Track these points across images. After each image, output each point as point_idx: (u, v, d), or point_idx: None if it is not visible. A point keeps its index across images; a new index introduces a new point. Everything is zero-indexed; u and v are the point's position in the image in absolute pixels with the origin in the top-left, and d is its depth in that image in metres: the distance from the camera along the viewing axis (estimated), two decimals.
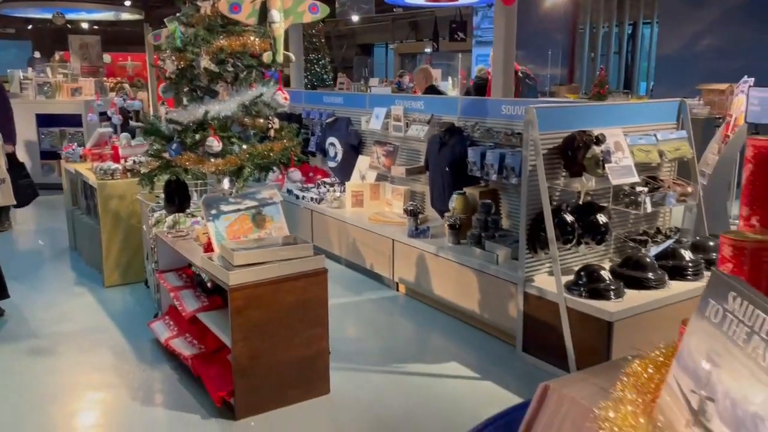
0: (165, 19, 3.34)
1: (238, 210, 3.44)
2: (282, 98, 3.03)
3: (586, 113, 3.93)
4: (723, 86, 8.42)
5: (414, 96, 5.87)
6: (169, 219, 3.95)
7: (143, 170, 3.71)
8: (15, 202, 5.61)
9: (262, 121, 3.24)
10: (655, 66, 11.83)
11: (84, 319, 4.42)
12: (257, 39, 3.07)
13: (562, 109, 4.02)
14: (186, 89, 3.25)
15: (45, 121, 9.03)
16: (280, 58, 2.96)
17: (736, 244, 1.21)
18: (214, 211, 3.37)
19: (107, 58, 11.49)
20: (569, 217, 3.64)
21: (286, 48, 3.00)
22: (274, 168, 3.30)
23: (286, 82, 9.69)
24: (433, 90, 7.05)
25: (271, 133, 3.27)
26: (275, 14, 2.90)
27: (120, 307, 4.65)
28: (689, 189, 3.94)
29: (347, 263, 5.56)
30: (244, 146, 3.19)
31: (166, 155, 3.22)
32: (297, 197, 6.11)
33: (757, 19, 10.04)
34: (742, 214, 1.32)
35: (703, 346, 1.08)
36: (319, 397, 3.29)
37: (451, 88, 11.91)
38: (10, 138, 6.44)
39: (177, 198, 3.79)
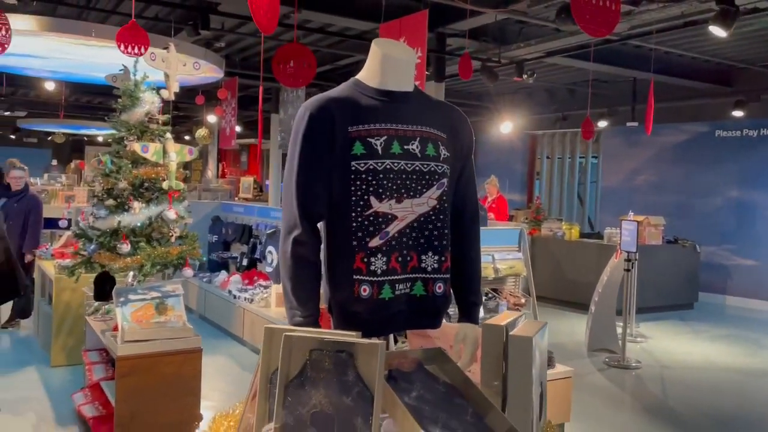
0: (99, 153, 4.45)
1: (144, 299, 4.35)
2: (173, 214, 4.05)
3: None
4: (640, 218, 9.42)
5: None
6: (98, 306, 4.84)
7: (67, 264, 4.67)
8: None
9: (164, 229, 4.23)
10: (600, 197, 12.97)
11: (23, 390, 5.22)
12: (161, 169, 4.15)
13: None
14: (109, 203, 4.28)
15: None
16: (173, 185, 4.03)
17: None
18: (122, 299, 4.27)
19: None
20: None
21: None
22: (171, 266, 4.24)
23: None
24: None
25: (173, 239, 4.25)
26: (172, 155, 4.01)
27: (57, 382, 5.45)
28: (522, 300, 4.80)
29: None
30: (147, 249, 4.15)
31: (84, 253, 4.19)
32: (235, 297, 7.01)
33: (686, 160, 11.25)
34: None
35: None
36: None
37: None
38: (34, 245, 7.11)
39: (105, 289, 4.72)
